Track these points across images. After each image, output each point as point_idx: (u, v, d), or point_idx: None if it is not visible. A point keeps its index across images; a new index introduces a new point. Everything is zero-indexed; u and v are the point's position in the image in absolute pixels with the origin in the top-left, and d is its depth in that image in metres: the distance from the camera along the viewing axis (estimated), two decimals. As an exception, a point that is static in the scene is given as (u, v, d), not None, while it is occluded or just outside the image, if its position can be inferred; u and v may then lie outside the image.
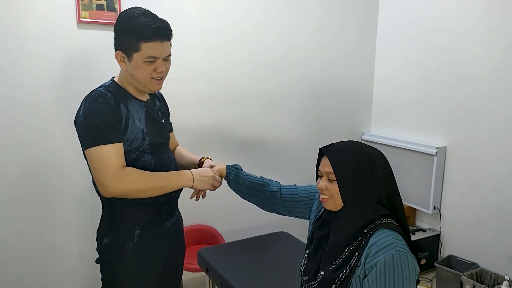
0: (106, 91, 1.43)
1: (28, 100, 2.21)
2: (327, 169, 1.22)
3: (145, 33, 1.37)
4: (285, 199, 1.49)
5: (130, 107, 1.46)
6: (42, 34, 2.19)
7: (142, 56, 1.39)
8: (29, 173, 2.28)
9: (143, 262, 1.53)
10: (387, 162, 1.24)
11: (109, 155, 1.36)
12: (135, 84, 1.47)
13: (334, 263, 1.19)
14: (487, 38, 2.54)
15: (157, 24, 1.39)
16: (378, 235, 1.14)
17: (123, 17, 1.42)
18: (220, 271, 2.05)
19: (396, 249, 1.10)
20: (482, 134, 2.63)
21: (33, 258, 2.35)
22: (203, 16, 2.61)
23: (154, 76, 1.44)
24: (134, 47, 1.38)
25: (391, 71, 3.24)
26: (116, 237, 1.51)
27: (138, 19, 1.38)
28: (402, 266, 1.09)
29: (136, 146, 1.45)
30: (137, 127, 1.46)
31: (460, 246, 2.84)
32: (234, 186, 1.58)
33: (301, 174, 3.14)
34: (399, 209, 1.23)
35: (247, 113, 2.89)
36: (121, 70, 1.49)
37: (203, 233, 2.80)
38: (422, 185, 2.94)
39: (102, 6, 2.28)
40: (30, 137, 2.25)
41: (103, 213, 1.58)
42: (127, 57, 1.42)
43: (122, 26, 1.41)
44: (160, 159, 1.53)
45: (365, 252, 1.13)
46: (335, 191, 1.20)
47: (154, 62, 1.42)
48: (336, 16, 3.11)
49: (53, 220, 2.38)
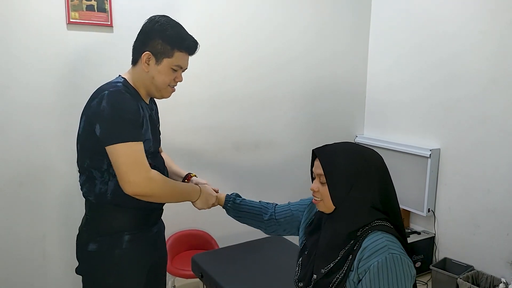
0: (126, 88, 1.41)
1: (17, 101, 2.16)
2: (319, 171, 1.21)
3: (184, 44, 1.44)
4: (279, 218, 1.49)
5: (143, 108, 1.45)
6: (31, 35, 2.14)
7: (172, 63, 1.44)
8: (18, 179, 2.22)
9: (131, 268, 1.49)
10: (383, 163, 1.21)
11: (140, 153, 1.35)
12: (150, 88, 1.48)
13: (326, 266, 1.16)
14: (480, 39, 2.55)
15: (192, 39, 1.48)
16: (371, 238, 1.11)
17: (160, 23, 1.44)
18: (215, 277, 2.01)
19: (389, 252, 1.08)
20: (476, 136, 2.63)
21: (22, 267, 2.28)
22: (194, 16, 2.58)
23: (171, 84, 1.50)
24: (168, 52, 1.43)
25: (384, 73, 3.24)
26: (105, 243, 1.45)
27: (176, 29, 1.45)
28: (396, 269, 1.06)
29: (147, 148, 1.43)
30: (148, 129, 1.46)
31: (455, 248, 2.83)
32: (232, 213, 1.59)
33: (295, 176, 3.14)
34: (395, 212, 1.20)
35: (240, 115, 2.86)
36: (135, 70, 1.47)
37: (196, 238, 2.76)
38: (416, 187, 2.93)
39: (92, 6, 2.24)
40: (18, 141, 2.19)
41: (87, 217, 1.50)
42: (155, 60, 1.43)
43: (158, 31, 1.43)
44: (158, 163, 1.53)
45: (358, 255, 1.11)
46: (326, 193, 1.18)
47: (176, 72, 1.48)
48: (328, 17, 3.10)
49: (43, 227, 2.31)
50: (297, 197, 3.10)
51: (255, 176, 2.98)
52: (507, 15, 2.40)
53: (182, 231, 2.71)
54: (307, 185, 3.39)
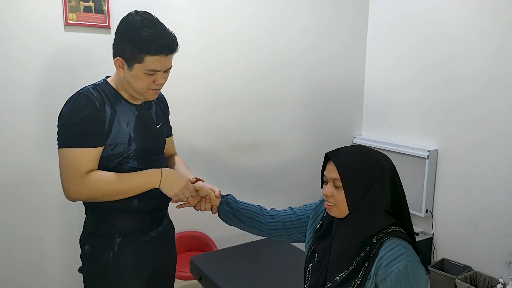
0: (94, 90, 1.38)
1: (13, 102, 2.15)
2: (333, 175, 1.17)
3: (151, 47, 1.31)
4: (285, 222, 1.42)
5: (118, 110, 1.40)
6: (29, 37, 2.13)
7: (144, 68, 1.34)
8: (14, 181, 2.20)
9: (124, 272, 1.46)
10: (394, 167, 1.21)
11: (76, 159, 1.32)
12: (131, 91, 1.42)
13: (340, 274, 1.14)
14: (479, 40, 2.55)
15: (165, 39, 1.33)
16: (388, 245, 1.10)
17: (130, 24, 1.34)
18: (213, 278, 2.01)
19: (407, 259, 1.07)
20: (474, 137, 2.63)
21: (20, 269, 2.27)
22: (193, 17, 2.57)
23: (152, 87, 1.40)
24: (137, 58, 1.32)
25: (382, 74, 3.24)
26: (96, 245, 1.45)
27: (145, 30, 1.31)
28: (415, 278, 1.06)
29: (120, 151, 1.39)
30: (124, 131, 1.40)
31: (453, 249, 2.83)
32: (227, 214, 1.48)
33: (293, 176, 3.14)
34: (406, 216, 1.19)
35: (238, 116, 2.86)
36: (116, 73, 1.43)
37: (194, 240, 2.75)
38: (414, 188, 2.93)
39: (90, 8, 2.23)
40: (14, 142, 2.18)
41: (86, 218, 1.51)
42: (127, 65, 1.36)
43: (127, 34, 1.33)
44: (148, 166, 1.44)
45: (376, 263, 1.09)
46: (341, 198, 1.16)
47: (154, 75, 1.37)
48: (327, 18, 3.10)
49: (40, 229, 2.30)
50: (296, 197, 3.12)
51: (254, 176, 2.98)
52: (506, 16, 2.41)
53: (180, 233, 2.70)
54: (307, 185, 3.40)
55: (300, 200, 1.67)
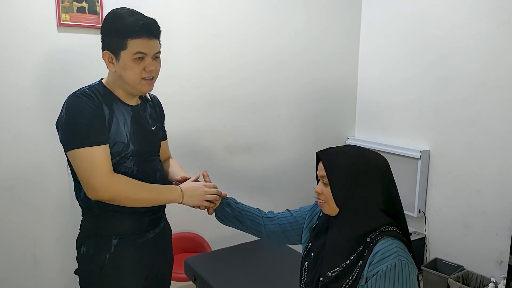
0: (90, 91, 1.39)
1: (7, 103, 2.13)
2: (322, 172, 1.21)
3: (132, 30, 1.34)
4: (283, 224, 1.44)
5: (115, 109, 1.41)
6: (22, 37, 2.11)
7: (130, 53, 1.35)
8: (8, 182, 2.19)
9: (120, 274, 1.46)
10: (388, 167, 1.22)
11: (98, 157, 1.31)
12: (125, 87, 1.42)
13: (333, 270, 1.16)
14: (470, 42, 2.58)
15: (144, 21, 1.37)
16: (382, 243, 1.12)
17: (111, 17, 1.39)
18: (208, 280, 2.01)
19: (398, 258, 1.09)
20: (466, 138, 2.66)
21: (13, 272, 2.25)
22: (187, 17, 2.57)
23: (144, 76, 1.39)
24: (121, 45, 1.35)
25: (375, 76, 3.27)
26: (92, 246, 1.45)
27: (125, 18, 1.35)
28: (402, 276, 1.08)
29: (118, 150, 1.39)
30: (121, 130, 1.40)
31: (445, 249, 2.86)
32: (226, 215, 1.51)
33: (288, 178, 3.14)
34: (400, 216, 1.21)
35: (232, 117, 2.86)
36: (110, 72, 1.43)
37: (188, 241, 2.74)
38: (406, 188, 2.95)
39: (83, 8, 2.22)
40: (8, 143, 2.16)
41: (82, 220, 1.51)
42: (115, 57, 1.38)
43: (110, 25, 1.38)
44: (144, 167, 1.46)
45: (369, 260, 1.11)
46: (330, 194, 1.19)
47: (143, 60, 1.37)
48: (320, 19, 3.11)
49: (33, 230, 2.28)
50: (290, 198, 3.13)
51: (248, 178, 2.98)
52: (497, 18, 2.44)
53: (175, 234, 2.66)
54: (301, 187, 3.41)
55: (295, 201, 1.68)
